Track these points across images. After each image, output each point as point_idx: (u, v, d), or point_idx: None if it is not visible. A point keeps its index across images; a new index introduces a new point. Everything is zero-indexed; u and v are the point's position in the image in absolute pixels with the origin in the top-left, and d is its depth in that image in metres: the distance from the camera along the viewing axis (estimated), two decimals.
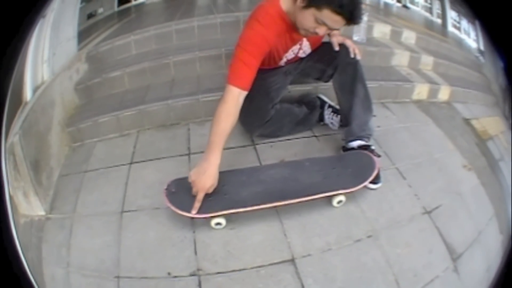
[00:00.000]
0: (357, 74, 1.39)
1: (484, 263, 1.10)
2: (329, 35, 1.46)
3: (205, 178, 1.13)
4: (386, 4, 2.30)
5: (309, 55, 1.51)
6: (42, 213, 1.06)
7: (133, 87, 1.74)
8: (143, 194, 1.25)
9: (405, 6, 2.24)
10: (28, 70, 1.23)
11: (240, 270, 1.04)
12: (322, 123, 1.65)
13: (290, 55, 1.45)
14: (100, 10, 1.99)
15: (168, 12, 2.22)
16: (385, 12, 2.29)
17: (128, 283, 0.91)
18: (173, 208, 1.14)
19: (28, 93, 1.25)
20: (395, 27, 2.05)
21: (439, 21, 2.00)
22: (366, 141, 1.42)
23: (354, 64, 1.39)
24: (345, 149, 1.45)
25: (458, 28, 1.88)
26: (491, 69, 1.40)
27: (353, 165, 1.33)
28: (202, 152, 1.18)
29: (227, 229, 1.16)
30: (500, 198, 1.19)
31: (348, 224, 1.21)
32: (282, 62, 1.48)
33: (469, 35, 1.78)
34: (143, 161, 1.45)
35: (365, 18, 1.81)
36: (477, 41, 1.66)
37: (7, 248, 0.76)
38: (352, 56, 1.39)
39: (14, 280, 0.74)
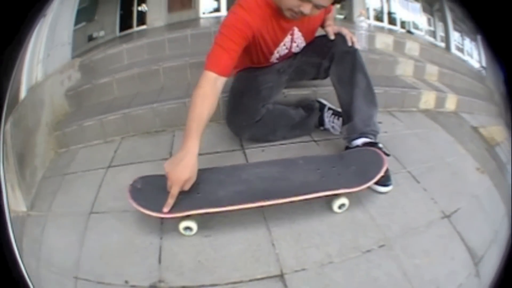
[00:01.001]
0: (356, 63, 1.25)
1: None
2: (323, 26, 1.37)
3: (181, 168, 0.98)
4: (390, 30, 2.29)
5: (303, 50, 1.39)
6: (24, 209, 1.08)
7: (122, 94, 1.67)
8: (114, 196, 1.16)
9: (409, 32, 2.22)
10: (25, 68, 1.25)
11: (211, 285, 0.89)
12: (322, 128, 1.49)
13: (282, 49, 1.34)
14: (102, 33, 1.93)
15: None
16: None
17: (85, 285, 0.85)
18: (135, 205, 0.98)
19: (23, 91, 1.27)
20: (398, 38, 2.00)
21: (442, 44, 1.97)
22: (372, 139, 1.24)
23: (352, 52, 1.26)
24: (348, 149, 1.28)
25: (461, 50, 1.85)
26: (493, 80, 1.40)
27: (356, 163, 1.15)
28: None
29: (201, 236, 1.01)
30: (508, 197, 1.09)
31: (354, 232, 1.03)
32: (274, 58, 1.36)
33: (472, 56, 1.77)
34: (122, 165, 1.36)
35: (364, 24, 1.74)
36: (479, 60, 1.66)
37: (3, 247, 0.76)
38: (349, 44, 1.26)
39: (11, 280, 0.75)
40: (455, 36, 1.88)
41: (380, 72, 1.80)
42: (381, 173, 1.08)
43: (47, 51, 1.43)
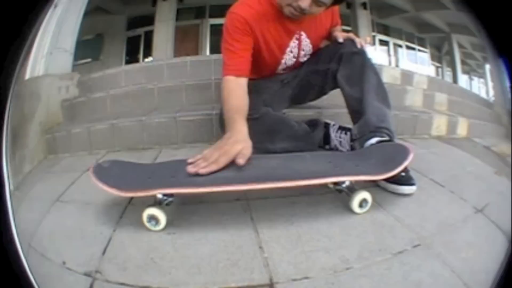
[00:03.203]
0: (366, 63, 1.17)
1: None
2: (329, 38, 1.32)
3: (231, 143, 0.93)
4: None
5: (308, 60, 1.33)
6: (11, 187, 1.02)
7: (115, 111, 1.64)
8: (82, 192, 1.12)
9: None
10: (30, 60, 1.23)
11: None
12: (327, 146, 1.32)
13: (289, 58, 1.28)
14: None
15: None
16: None
17: (33, 253, 0.83)
18: (98, 183, 0.87)
19: (28, 73, 1.28)
20: (405, 71, 1.99)
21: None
22: (389, 138, 1.08)
23: (361, 53, 1.19)
24: None
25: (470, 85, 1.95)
26: (501, 102, 1.38)
27: (376, 157, 0.98)
28: None
29: (163, 233, 0.86)
30: None
31: (378, 234, 0.84)
32: (280, 68, 1.30)
33: (480, 93, 1.84)
34: None
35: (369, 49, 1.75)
36: (487, 92, 1.72)
37: (6, 247, 0.74)
38: (358, 46, 1.20)
39: (14, 280, 0.72)
40: (463, 80, 1.95)
41: None
42: (408, 160, 0.92)
43: (51, 48, 1.50)
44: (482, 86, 1.86)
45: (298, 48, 1.27)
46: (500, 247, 0.84)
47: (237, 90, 1.10)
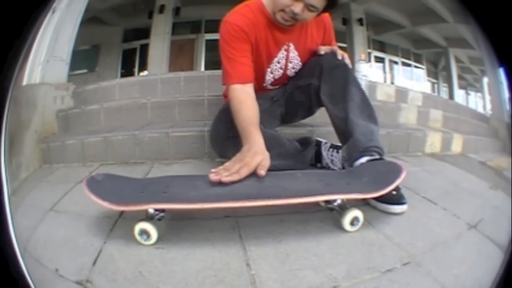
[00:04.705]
0: (348, 77, 1.15)
1: None
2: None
3: (251, 155, 0.93)
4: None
5: (295, 75, 1.32)
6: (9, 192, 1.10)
7: (108, 125, 1.66)
8: (75, 203, 1.14)
9: None
10: (28, 64, 1.25)
11: None
12: (319, 165, 1.30)
13: (276, 68, 1.27)
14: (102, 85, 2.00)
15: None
16: None
17: (29, 259, 0.83)
18: (91, 195, 0.86)
19: (25, 79, 1.30)
20: (400, 88, 2.00)
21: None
22: (377, 157, 1.07)
23: (342, 66, 1.17)
24: None
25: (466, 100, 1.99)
26: (497, 114, 1.48)
27: (369, 175, 0.97)
28: None
29: (152, 248, 0.87)
30: None
31: (367, 252, 0.83)
32: (269, 80, 1.30)
33: (477, 107, 1.89)
34: None
35: (363, 72, 1.76)
36: (484, 106, 1.75)
37: (4, 250, 0.77)
38: (339, 58, 1.19)
39: (12, 282, 0.75)
40: (459, 95, 1.99)
41: (382, 119, 1.74)
42: (401, 179, 0.90)
43: (48, 55, 1.54)
44: (479, 100, 1.88)
45: (285, 60, 1.27)
46: (495, 260, 0.85)
47: (247, 101, 1.09)
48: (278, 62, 1.27)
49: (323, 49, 1.24)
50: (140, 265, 0.81)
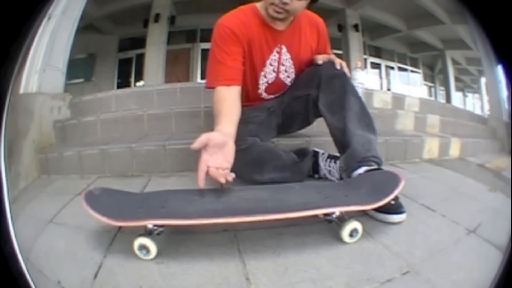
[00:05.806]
0: (346, 86, 1.14)
1: None
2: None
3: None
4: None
5: (291, 85, 1.32)
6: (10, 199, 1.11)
7: (105, 137, 1.66)
8: (74, 216, 1.13)
9: None
10: (25, 71, 1.27)
11: None
12: (316, 175, 1.29)
13: (269, 71, 1.26)
14: (98, 95, 2.00)
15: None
16: None
17: (31, 267, 0.83)
18: (89, 210, 0.87)
19: (22, 87, 1.33)
20: (396, 94, 2.00)
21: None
22: (376, 167, 1.07)
23: (341, 75, 1.16)
24: None
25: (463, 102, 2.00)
26: (496, 117, 1.50)
27: (366, 186, 0.97)
28: None
29: (152, 263, 0.87)
30: None
31: (366, 263, 0.82)
32: (263, 85, 1.29)
33: (474, 109, 1.90)
34: None
35: (361, 80, 1.76)
36: (481, 107, 1.77)
37: (5, 253, 0.77)
38: (338, 67, 1.18)
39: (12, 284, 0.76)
40: (456, 97, 2.01)
41: (379, 126, 1.74)
42: (399, 189, 0.90)
43: (44, 64, 1.56)
44: (476, 101, 1.89)
45: (278, 62, 1.27)
46: (493, 262, 0.84)
47: (227, 97, 1.10)
48: (271, 65, 1.26)
49: (320, 59, 1.24)
50: (140, 279, 0.81)
